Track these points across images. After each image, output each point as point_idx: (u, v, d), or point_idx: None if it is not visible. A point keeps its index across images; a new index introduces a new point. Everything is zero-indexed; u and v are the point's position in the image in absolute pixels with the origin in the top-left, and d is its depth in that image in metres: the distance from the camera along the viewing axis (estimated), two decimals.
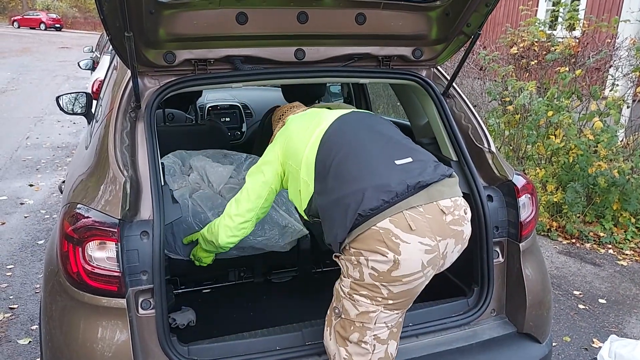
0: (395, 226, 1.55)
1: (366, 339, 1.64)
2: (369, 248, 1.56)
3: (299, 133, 1.93)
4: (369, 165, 1.68)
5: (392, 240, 1.54)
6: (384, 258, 1.54)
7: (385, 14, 2.15)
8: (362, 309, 1.62)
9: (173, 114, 3.79)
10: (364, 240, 1.58)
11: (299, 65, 2.23)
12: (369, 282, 1.59)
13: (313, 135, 1.85)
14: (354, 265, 1.61)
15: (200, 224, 2.38)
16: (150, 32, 1.88)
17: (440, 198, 1.63)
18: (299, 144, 1.89)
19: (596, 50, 5.30)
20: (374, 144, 1.77)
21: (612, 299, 3.83)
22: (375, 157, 1.71)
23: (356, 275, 1.61)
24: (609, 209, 4.89)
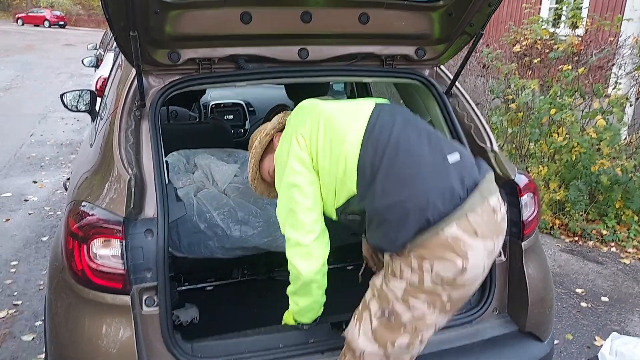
0: (463, 232, 1.50)
1: (415, 341, 1.60)
2: (436, 255, 1.51)
3: (332, 128, 1.69)
4: (425, 164, 1.59)
5: (461, 247, 1.50)
6: (451, 265, 1.50)
7: (389, 14, 2.15)
8: (417, 313, 1.57)
9: (177, 111, 3.81)
10: (430, 247, 1.51)
11: (302, 65, 2.24)
12: (429, 287, 1.54)
13: (350, 131, 1.66)
14: (413, 269, 1.54)
15: (205, 223, 2.39)
16: (155, 32, 1.89)
17: (490, 196, 1.59)
18: (334, 141, 1.67)
19: (599, 48, 5.29)
20: (421, 139, 1.65)
21: (615, 297, 3.84)
22: (429, 155, 1.61)
23: (414, 279, 1.55)
24: (611, 207, 4.89)
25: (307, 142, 1.71)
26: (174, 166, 2.73)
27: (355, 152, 1.62)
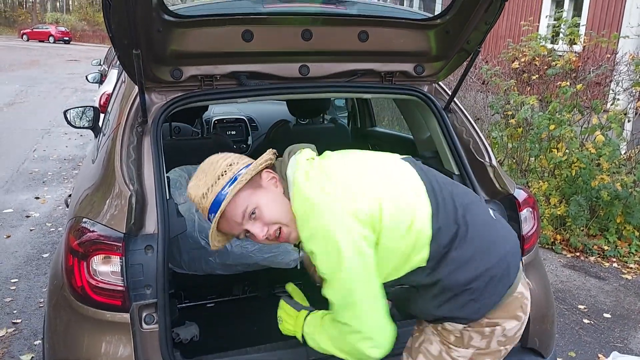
0: (522, 286, 1.54)
1: None
2: (509, 315, 1.50)
3: (397, 208, 1.45)
4: (494, 227, 1.56)
5: (524, 302, 1.54)
6: (517, 323, 1.52)
7: (387, 32, 2.18)
8: None
9: (179, 127, 3.83)
10: (507, 309, 1.50)
11: (303, 81, 2.26)
12: (494, 348, 1.53)
13: (417, 207, 1.46)
14: (483, 336, 1.50)
15: (206, 238, 2.40)
16: (158, 50, 1.92)
17: None
18: (401, 220, 1.44)
19: (597, 65, 5.33)
20: (473, 198, 1.61)
21: (617, 313, 3.82)
22: (484, 213, 1.58)
23: (482, 344, 1.51)
24: (612, 222, 4.89)
25: (369, 220, 1.41)
26: (176, 182, 2.74)
27: (428, 227, 1.45)
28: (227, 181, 1.49)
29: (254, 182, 1.51)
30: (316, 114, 3.82)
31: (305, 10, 2.07)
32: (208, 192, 1.49)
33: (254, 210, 1.48)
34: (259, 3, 2.03)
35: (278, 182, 1.54)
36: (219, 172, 1.50)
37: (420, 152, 2.71)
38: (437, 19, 2.15)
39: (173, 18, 1.82)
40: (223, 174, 1.50)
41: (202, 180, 1.52)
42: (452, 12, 2.07)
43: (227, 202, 1.46)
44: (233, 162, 1.54)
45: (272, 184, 1.53)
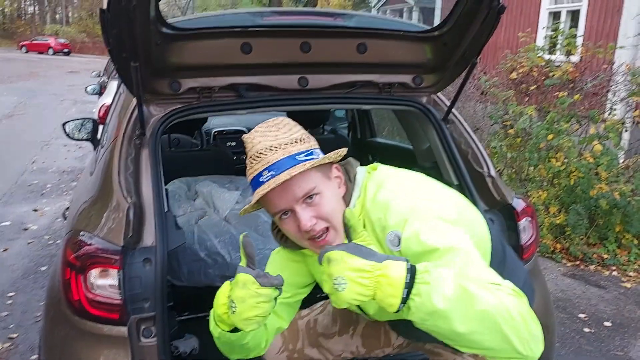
0: None
1: None
2: None
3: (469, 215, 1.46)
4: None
5: None
6: None
7: (385, 44, 2.19)
8: None
9: (179, 139, 3.84)
10: None
11: (302, 93, 2.27)
12: None
13: (479, 217, 1.50)
14: None
15: (206, 250, 2.39)
16: (157, 62, 1.93)
17: None
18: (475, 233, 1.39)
19: (594, 75, 5.36)
20: None
21: (617, 321, 3.81)
22: None
23: None
24: (611, 231, 4.89)
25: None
26: (175, 194, 2.74)
27: (488, 241, 1.47)
28: (302, 150, 1.32)
29: (324, 169, 1.36)
30: (316, 125, 3.83)
31: (303, 23, 2.07)
32: (278, 148, 1.31)
33: (315, 194, 1.31)
34: (257, 16, 2.04)
35: (342, 184, 1.42)
36: (296, 136, 1.34)
37: (419, 163, 2.72)
38: (434, 31, 2.16)
39: (171, 31, 1.83)
40: (300, 140, 1.34)
41: (273, 134, 1.34)
42: (449, 25, 2.08)
43: (299, 170, 1.27)
44: (308, 136, 1.40)
45: (337, 182, 1.41)
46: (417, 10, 17.80)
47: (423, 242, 1.21)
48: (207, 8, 20.81)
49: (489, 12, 1.92)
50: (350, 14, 2.24)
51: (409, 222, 1.26)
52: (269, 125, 1.37)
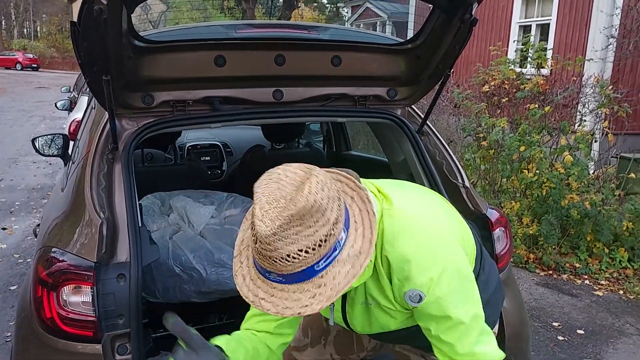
0: None
1: None
2: None
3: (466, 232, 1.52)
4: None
5: None
6: None
7: (360, 57, 2.21)
8: None
9: (152, 154, 3.79)
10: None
11: (277, 106, 2.27)
12: None
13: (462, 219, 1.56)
14: None
15: (181, 266, 2.36)
16: (129, 76, 1.91)
17: None
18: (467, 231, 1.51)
19: (563, 87, 5.50)
20: None
21: (590, 329, 3.87)
22: None
23: None
24: (583, 240, 4.98)
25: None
26: (149, 209, 2.70)
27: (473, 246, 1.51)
28: (324, 254, 1.05)
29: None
30: (291, 138, 3.83)
31: (277, 35, 2.08)
32: (296, 258, 1.04)
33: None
34: (231, 29, 2.04)
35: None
36: (321, 234, 1.04)
37: (395, 175, 2.74)
38: (407, 44, 2.19)
39: (144, 44, 1.82)
40: (325, 240, 1.05)
41: (294, 230, 1.03)
42: (422, 38, 2.11)
43: (309, 303, 1.06)
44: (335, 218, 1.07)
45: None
46: (390, 24, 18.04)
47: (443, 309, 1.25)
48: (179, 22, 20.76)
49: (461, 25, 1.95)
50: (325, 27, 2.26)
51: (433, 287, 1.22)
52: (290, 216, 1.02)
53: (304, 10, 28.65)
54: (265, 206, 1.04)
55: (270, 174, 1.10)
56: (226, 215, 2.73)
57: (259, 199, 1.05)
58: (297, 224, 1.02)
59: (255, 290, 1.11)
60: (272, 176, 1.09)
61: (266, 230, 1.02)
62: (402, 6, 15.22)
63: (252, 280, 1.13)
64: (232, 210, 2.77)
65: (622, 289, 4.58)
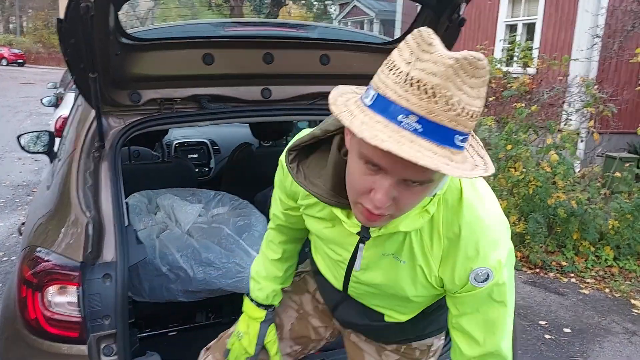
0: None
1: None
2: None
3: None
4: None
5: None
6: None
7: (348, 55, 2.21)
8: None
9: (139, 151, 3.75)
10: None
11: (265, 104, 2.26)
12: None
13: None
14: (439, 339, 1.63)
15: (168, 265, 2.34)
16: (116, 73, 1.89)
17: None
18: None
19: (550, 87, 5.55)
20: None
21: (577, 327, 3.91)
22: None
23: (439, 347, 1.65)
24: (569, 239, 5.03)
25: None
26: (135, 207, 2.68)
27: None
28: (465, 132, 0.91)
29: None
30: (279, 136, 3.82)
31: (266, 34, 2.07)
32: (451, 110, 0.86)
33: (421, 184, 0.96)
34: (219, 26, 2.03)
35: None
36: (476, 108, 0.90)
37: None
38: (396, 43, 2.18)
39: (131, 41, 1.80)
40: (473, 116, 0.91)
41: (459, 81, 0.86)
42: None
43: (445, 169, 0.86)
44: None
45: None
46: (377, 22, 18.07)
47: (503, 295, 1.17)
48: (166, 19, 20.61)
49: (449, 25, 1.96)
50: (313, 26, 2.26)
51: (501, 269, 1.14)
52: (463, 65, 0.86)
53: (292, 7, 28.61)
54: (441, 48, 0.88)
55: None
56: (214, 214, 2.72)
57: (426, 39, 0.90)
58: (468, 76, 0.86)
59: (375, 132, 0.87)
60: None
61: (451, 61, 0.85)
62: (390, 4, 15.26)
63: (368, 125, 0.89)
64: (219, 209, 2.75)
65: (608, 287, 4.63)
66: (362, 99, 0.96)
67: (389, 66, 0.92)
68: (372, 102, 0.92)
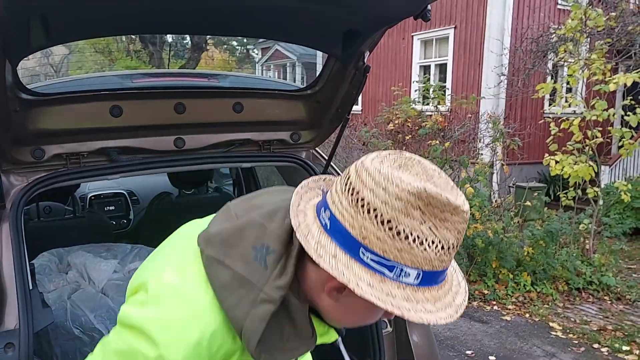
0: None
1: None
2: None
3: None
4: None
5: None
6: None
7: (261, 102, 2.24)
8: None
9: (50, 207, 3.57)
10: None
11: (179, 154, 2.22)
12: None
13: None
14: None
15: (81, 327, 2.21)
16: (16, 130, 1.80)
17: None
18: None
19: (460, 124, 5.87)
20: None
21: (501, 354, 4.03)
22: None
23: None
24: (489, 268, 5.24)
25: None
26: (45, 267, 2.53)
27: None
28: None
29: None
30: (199, 184, 3.77)
31: (176, 84, 2.06)
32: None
33: None
34: (127, 78, 2.00)
35: None
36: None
37: None
38: (307, 90, 2.25)
39: (31, 97, 1.74)
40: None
41: (461, 220, 0.88)
42: (321, 84, 2.18)
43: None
44: None
45: None
46: (300, 66, 18.48)
47: None
48: (82, 65, 20.07)
49: (356, 72, 2.04)
50: (225, 75, 2.28)
51: None
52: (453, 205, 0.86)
53: (214, 52, 28.73)
54: (448, 186, 0.88)
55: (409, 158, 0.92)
56: (130, 269, 2.61)
57: (426, 171, 0.89)
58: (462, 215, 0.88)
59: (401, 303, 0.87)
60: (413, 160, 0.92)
61: (464, 206, 0.86)
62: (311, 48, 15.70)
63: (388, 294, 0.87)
64: (137, 263, 2.65)
65: (528, 312, 4.84)
66: (398, 279, 0.89)
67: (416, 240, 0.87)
68: (420, 280, 0.89)
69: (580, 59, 5.23)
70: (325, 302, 0.99)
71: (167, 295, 0.97)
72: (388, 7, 1.70)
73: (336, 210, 0.89)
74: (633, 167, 8.61)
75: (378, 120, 6.59)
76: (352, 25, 1.81)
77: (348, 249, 0.88)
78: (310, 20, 1.77)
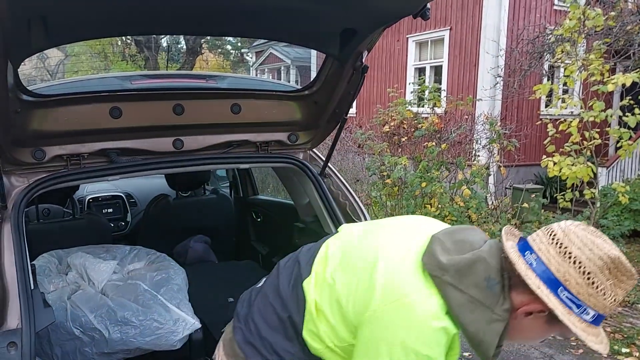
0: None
1: None
2: None
3: None
4: None
5: None
6: None
7: (259, 104, 2.26)
8: None
9: (49, 209, 3.58)
10: None
11: (178, 155, 2.24)
12: None
13: None
14: None
15: (81, 327, 2.22)
16: (17, 131, 1.82)
17: None
18: None
19: (457, 125, 5.90)
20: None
21: (499, 357, 4.04)
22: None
23: None
24: None
25: None
26: (44, 269, 2.54)
27: None
28: None
29: None
30: (196, 186, 3.78)
31: (175, 86, 2.08)
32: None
33: None
34: (126, 80, 2.02)
35: None
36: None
37: (301, 218, 2.77)
38: (305, 91, 2.27)
39: (32, 98, 1.75)
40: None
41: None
42: (318, 85, 2.20)
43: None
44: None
45: None
46: (294, 69, 18.51)
47: None
48: (78, 70, 20.06)
49: (353, 72, 2.06)
50: (223, 76, 2.30)
51: None
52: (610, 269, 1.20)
53: (208, 55, 28.74)
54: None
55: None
56: (129, 270, 2.63)
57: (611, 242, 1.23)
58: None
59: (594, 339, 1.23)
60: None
61: (637, 275, 1.24)
62: (305, 51, 15.71)
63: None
64: (135, 264, 2.67)
65: None
66: (581, 315, 1.21)
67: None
68: (593, 319, 1.21)
69: (577, 60, 5.25)
70: (511, 321, 1.26)
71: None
72: (387, 5, 1.72)
73: (543, 256, 1.21)
74: (631, 168, 8.62)
75: (373, 122, 6.62)
76: (350, 25, 1.83)
77: (549, 285, 1.19)
78: (308, 19, 1.79)
